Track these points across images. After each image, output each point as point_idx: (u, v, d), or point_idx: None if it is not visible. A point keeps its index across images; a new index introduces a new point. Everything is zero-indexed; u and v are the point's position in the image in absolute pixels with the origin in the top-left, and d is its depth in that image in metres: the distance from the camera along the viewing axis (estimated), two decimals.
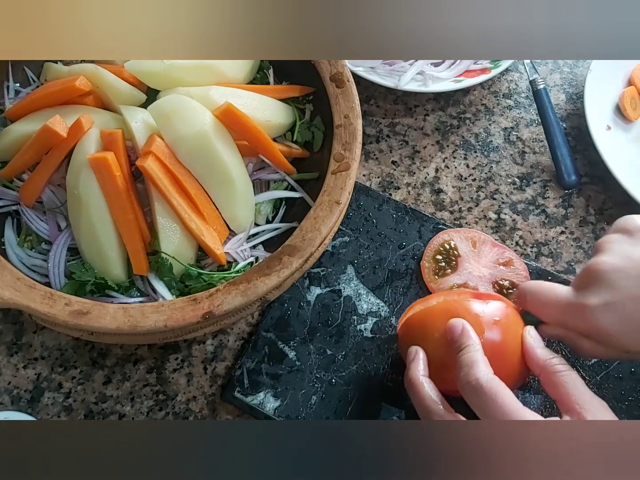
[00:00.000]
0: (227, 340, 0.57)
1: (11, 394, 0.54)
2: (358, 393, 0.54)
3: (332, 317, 0.57)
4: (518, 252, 0.62)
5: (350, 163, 0.53)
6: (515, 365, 0.44)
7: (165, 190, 0.51)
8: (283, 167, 0.57)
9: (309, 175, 0.58)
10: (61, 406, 0.54)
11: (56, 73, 0.58)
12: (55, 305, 0.47)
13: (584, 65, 0.75)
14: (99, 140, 0.52)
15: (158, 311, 0.47)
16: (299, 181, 0.58)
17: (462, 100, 0.72)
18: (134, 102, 0.56)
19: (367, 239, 0.61)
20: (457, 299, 0.47)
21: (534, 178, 0.67)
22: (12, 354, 0.56)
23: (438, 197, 0.66)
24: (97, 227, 0.51)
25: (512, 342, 0.44)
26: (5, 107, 0.59)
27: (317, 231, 0.50)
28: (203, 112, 0.52)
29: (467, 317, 0.44)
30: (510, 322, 0.45)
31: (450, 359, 0.43)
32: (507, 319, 0.45)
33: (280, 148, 0.57)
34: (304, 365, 0.55)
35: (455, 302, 0.47)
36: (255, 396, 0.53)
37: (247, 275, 0.48)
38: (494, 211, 0.65)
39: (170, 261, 0.52)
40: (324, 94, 0.56)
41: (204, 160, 0.52)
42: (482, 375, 0.40)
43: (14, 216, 0.56)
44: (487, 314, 0.45)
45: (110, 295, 0.53)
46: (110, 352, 0.56)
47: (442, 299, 0.49)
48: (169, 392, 0.55)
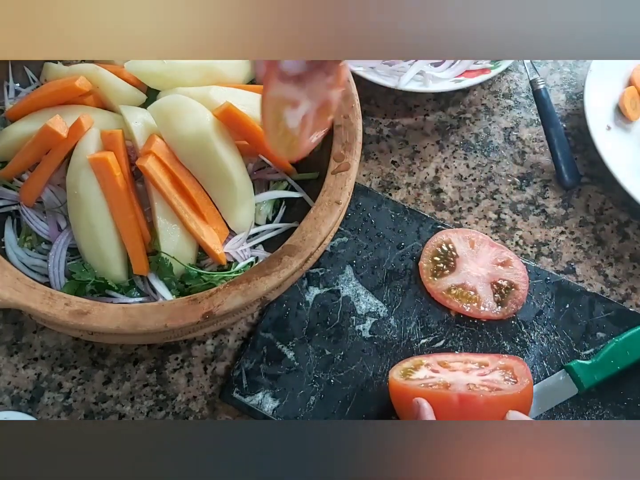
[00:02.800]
0: (227, 340, 0.57)
1: (11, 393, 0.54)
2: (357, 393, 0.54)
3: (331, 318, 0.57)
4: (518, 252, 0.62)
5: (350, 163, 0.53)
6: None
7: (166, 190, 0.51)
8: (283, 167, 0.57)
9: (309, 175, 0.58)
10: (61, 406, 0.54)
11: (56, 73, 0.58)
12: (55, 305, 0.47)
13: (584, 65, 0.75)
14: (99, 141, 0.52)
15: (158, 311, 0.47)
16: (299, 181, 0.58)
17: (462, 100, 0.72)
18: (134, 102, 0.57)
19: (366, 239, 0.61)
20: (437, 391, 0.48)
21: (534, 178, 0.67)
22: (12, 354, 0.56)
23: (438, 197, 0.66)
24: (97, 227, 0.51)
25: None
26: (5, 107, 0.59)
27: (317, 231, 0.50)
28: (203, 112, 0.52)
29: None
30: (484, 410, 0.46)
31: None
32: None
33: None
34: (302, 366, 0.55)
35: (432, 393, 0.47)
36: (254, 396, 0.53)
37: (247, 275, 0.48)
38: (494, 211, 0.65)
39: (171, 261, 0.52)
40: None
41: (204, 160, 0.52)
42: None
43: (14, 216, 0.56)
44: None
45: (110, 295, 0.53)
46: (110, 352, 0.57)
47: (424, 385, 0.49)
48: (169, 392, 0.55)
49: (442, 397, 0.46)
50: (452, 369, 0.51)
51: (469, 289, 0.57)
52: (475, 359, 0.53)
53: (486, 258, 0.59)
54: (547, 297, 0.58)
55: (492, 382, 0.48)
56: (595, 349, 0.55)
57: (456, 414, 0.45)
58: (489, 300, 0.57)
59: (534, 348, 0.55)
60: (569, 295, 0.58)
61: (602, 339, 0.56)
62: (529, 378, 0.48)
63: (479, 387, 0.47)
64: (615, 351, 0.53)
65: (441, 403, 0.46)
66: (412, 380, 0.50)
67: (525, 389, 0.47)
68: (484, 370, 0.51)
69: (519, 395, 0.46)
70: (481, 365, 0.52)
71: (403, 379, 0.50)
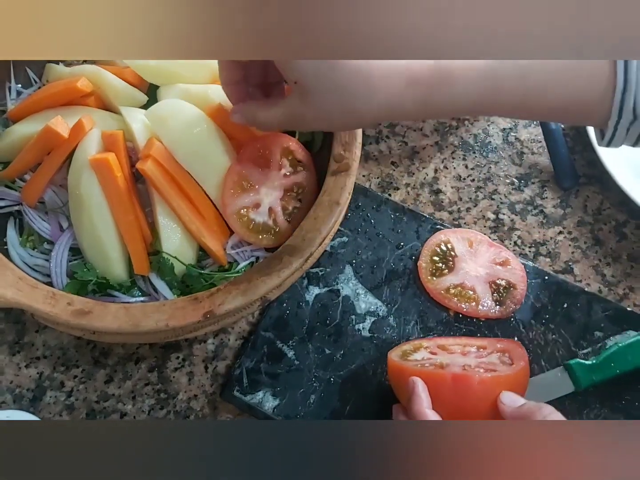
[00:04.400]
0: (228, 339, 0.58)
1: (13, 392, 0.55)
2: (356, 392, 0.54)
3: (331, 317, 0.57)
4: (516, 252, 0.63)
5: (350, 163, 0.53)
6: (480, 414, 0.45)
7: (166, 192, 0.51)
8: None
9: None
10: (63, 405, 0.55)
11: (58, 74, 0.58)
12: (57, 304, 0.47)
13: None
14: (100, 141, 0.53)
15: (159, 310, 0.47)
16: None
17: None
18: (135, 104, 0.57)
19: (366, 239, 0.61)
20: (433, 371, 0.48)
21: (532, 178, 0.68)
22: (15, 353, 0.56)
23: (437, 198, 0.66)
24: (98, 227, 0.52)
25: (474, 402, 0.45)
26: (7, 108, 0.59)
27: (317, 231, 0.50)
28: (199, 115, 0.53)
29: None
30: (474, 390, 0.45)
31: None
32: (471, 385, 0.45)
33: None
34: (302, 365, 0.55)
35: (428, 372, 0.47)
36: (254, 395, 0.54)
37: (248, 275, 0.49)
38: (493, 211, 0.66)
39: (172, 261, 0.52)
40: None
41: (201, 162, 0.53)
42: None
43: (16, 216, 0.57)
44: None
45: (112, 295, 0.53)
46: (112, 351, 0.57)
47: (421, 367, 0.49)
48: (170, 391, 0.56)
49: (436, 376, 0.46)
50: (450, 351, 0.51)
51: (467, 288, 0.58)
52: (474, 343, 0.53)
53: (485, 258, 0.59)
54: (545, 296, 0.58)
55: (488, 364, 0.48)
56: (593, 348, 0.55)
57: (450, 393, 0.45)
58: (488, 299, 0.57)
59: (532, 347, 0.56)
60: (567, 295, 0.58)
61: (600, 338, 0.56)
62: (524, 361, 0.48)
63: (474, 368, 0.47)
64: (617, 355, 0.53)
65: (435, 382, 0.45)
66: (409, 361, 0.50)
67: (520, 371, 0.46)
68: (481, 353, 0.51)
69: (512, 377, 0.46)
70: (479, 348, 0.52)
71: (401, 360, 0.50)
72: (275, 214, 0.53)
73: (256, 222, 0.53)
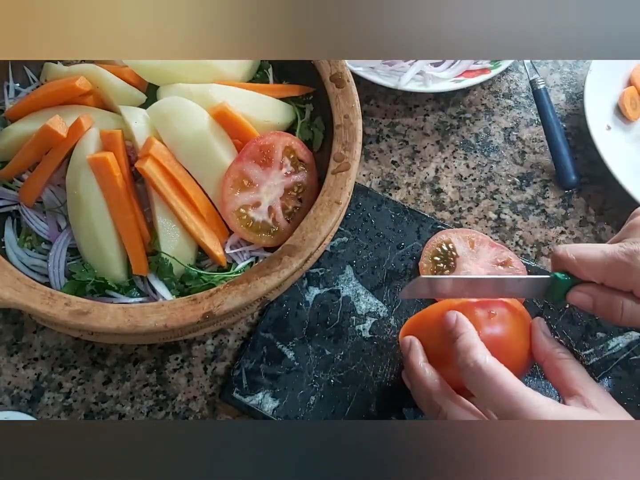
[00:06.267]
0: (227, 340, 0.57)
1: (11, 393, 0.54)
2: (357, 393, 0.54)
3: (331, 318, 0.57)
4: (518, 252, 0.62)
5: (350, 163, 0.53)
6: (517, 356, 0.45)
7: (165, 192, 0.51)
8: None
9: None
10: (61, 406, 0.54)
11: (56, 73, 0.58)
12: (55, 305, 0.47)
13: (584, 65, 0.75)
14: (99, 141, 0.52)
15: (158, 311, 0.47)
16: None
17: (462, 100, 0.72)
18: (134, 103, 0.56)
19: (366, 239, 0.61)
20: (453, 301, 0.47)
21: (534, 178, 0.67)
22: (12, 353, 0.56)
23: (438, 197, 0.66)
24: (97, 227, 0.51)
25: (513, 334, 0.45)
26: (5, 107, 0.59)
27: (317, 231, 0.50)
28: (201, 113, 0.53)
29: (464, 311, 0.45)
30: (510, 316, 0.45)
31: (449, 352, 0.43)
32: (506, 313, 0.46)
33: None
34: (302, 366, 0.55)
35: (450, 301, 0.47)
36: (254, 396, 0.53)
37: (247, 275, 0.48)
38: (494, 211, 0.65)
39: (170, 261, 0.52)
40: (324, 94, 0.56)
41: (202, 161, 0.53)
42: (479, 358, 0.39)
43: (14, 216, 0.56)
44: (484, 309, 0.45)
45: (110, 295, 0.53)
46: (111, 352, 0.57)
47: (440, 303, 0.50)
48: (169, 392, 0.55)
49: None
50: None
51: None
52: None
53: (486, 258, 0.59)
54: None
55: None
56: (595, 348, 0.55)
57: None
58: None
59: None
60: None
61: (602, 338, 0.56)
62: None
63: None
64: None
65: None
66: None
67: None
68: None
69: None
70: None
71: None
72: (275, 213, 0.53)
73: (255, 220, 0.53)
